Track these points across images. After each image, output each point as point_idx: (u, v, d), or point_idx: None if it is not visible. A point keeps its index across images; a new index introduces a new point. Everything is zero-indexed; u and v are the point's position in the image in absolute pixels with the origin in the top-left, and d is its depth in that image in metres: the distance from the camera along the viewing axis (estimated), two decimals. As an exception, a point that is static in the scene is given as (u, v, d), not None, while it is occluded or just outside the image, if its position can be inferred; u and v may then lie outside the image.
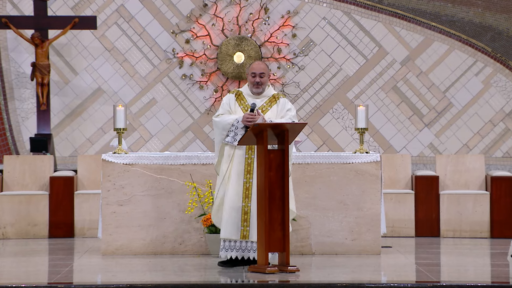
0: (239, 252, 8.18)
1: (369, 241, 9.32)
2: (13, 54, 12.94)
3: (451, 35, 13.02)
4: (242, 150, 8.20)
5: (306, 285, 7.37)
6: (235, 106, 8.28)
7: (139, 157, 9.38)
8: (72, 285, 7.34)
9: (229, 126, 8.17)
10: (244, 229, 8.16)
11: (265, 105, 8.28)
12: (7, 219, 11.15)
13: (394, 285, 7.30)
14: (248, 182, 8.16)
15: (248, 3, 13.00)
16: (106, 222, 9.31)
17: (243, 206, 8.16)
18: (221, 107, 8.32)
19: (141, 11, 13.04)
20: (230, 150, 8.22)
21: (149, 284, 7.32)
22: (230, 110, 8.27)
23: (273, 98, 8.31)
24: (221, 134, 8.21)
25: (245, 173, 8.16)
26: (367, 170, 9.36)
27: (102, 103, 12.98)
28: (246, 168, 8.17)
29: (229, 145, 8.21)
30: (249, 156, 8.17)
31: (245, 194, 8.17)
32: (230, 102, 8.31)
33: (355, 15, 13.07)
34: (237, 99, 8.31)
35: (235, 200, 8.18)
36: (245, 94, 8.33)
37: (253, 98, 8.28)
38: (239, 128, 8.14)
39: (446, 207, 11.23)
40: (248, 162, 8.17)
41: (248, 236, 8.15)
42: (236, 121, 8.15)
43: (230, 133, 8.18)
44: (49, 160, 11.63)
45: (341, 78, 13.05)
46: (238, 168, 8.19)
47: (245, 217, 8.17)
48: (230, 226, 8.17)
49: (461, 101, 13.01)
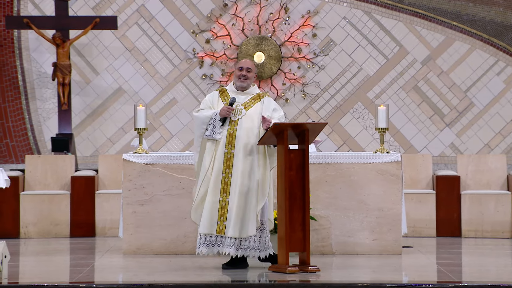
0: (215, 247, 8.15)
1: (390, 241, 9.30)
2: (34, 54, 13.01)
3: (473, 35, 12.97)
4: (222, 145, 8.21)
5: (326, 285, 7.36)
6: (218, 103, 8.34)
7: (160, 157, 9.40)
8: (93, 285, 7.37)
9: (208, 119, 8.22)
10: (221, 224, 8.17)
11: (248, 101, 8.32)
12: (29, 218, 11.21)
13: (415, 285, 7.28)
14: (226, 177, 8.17)
15: (268, 3, 13.00)
16: (127, 221, 9.33)
17: (221, 200, 8.17)
18: (203, 103, 8.40)
19: (161, 11, 13.07)
20: (212, 145, 8.25)
21: (170, 284, 7.33)
22: (212, 106, 8.34)
23: (257, 96, 8.35)
24: (201, 128, 8.25)
25: (224, 167, 8.18)
26: (388, 170, 9.34)
27: (123, 103, 13.02)
28: (225, 163, 8.18)
29: (211, 141, 8.23)
30: (228, 151, 8.20)
31: (223, 189, 8.18)
32: (214, 98, 8.38)
33: (376, 15, 13.04)
34: (221, 95, 8.38)
35: (214, 195, 8.18)
36: (229, 91, 8.38)
37: (237, 95, 8.31)
38: (217, 120, 8.19)
39: (468, 207, 11.18)
40: (227, 157, 8.19)
41: (224, 231, 8.15)
42: (214, 114, 8.21)
43: (209, 127, 8.22)
44: (70, 160, 11.68)
45: (361, 78, 13.03)
46: (218, 163, 8.20)
47: (222, 211, 8.17)
48: (209, 221, 8.16)
49: (482, 100, 12.95)
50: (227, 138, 8.19)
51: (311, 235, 8.79)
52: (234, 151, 8.18)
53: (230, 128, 8.21)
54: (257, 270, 8.16)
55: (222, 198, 8.17)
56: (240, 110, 8.26)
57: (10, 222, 11.16)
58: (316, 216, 9.25)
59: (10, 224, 11.17)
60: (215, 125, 8.22)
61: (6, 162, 12.90)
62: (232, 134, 8.19)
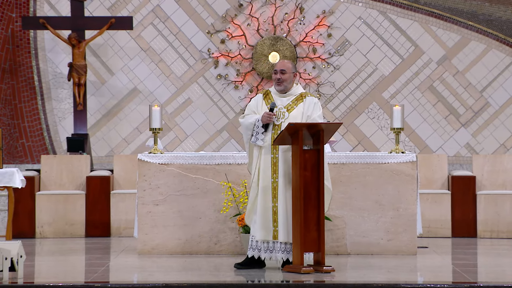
0: (267, 253, 8.16)
1: (405, 242, 9.28)
2: (50, 54, 13.05)
3: (488, 34, 12.92)
4: (268, 150, 8.17)
5: (341, 285, 7.35)
6: (262, 106, 8.25)
7: (175, 157, 9.41)
8: (108, 284, 7.38)
9: (252, 126, 8.16)
10: (275, 230, 8.15)
11: (291, 103, 8.21)
12: (44, 218, 11.25)
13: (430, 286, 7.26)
14: (275, 182, 8.14)
15: (283, 3, 13.00)
16: (142, 221, 9.35)
17: (272, 206, 8.15)
18: (247, 108, 8.33)
19: (176, 11, 13.08)
20: (257, 151, 8.22)
21: (185, 284, 7.34)
22: (256, 111, 8.24)
23: (300, 97, 8.23)
24: (247, 134, 8.21)
25: (272, 173, 8.14)
26: (403, 170, 9.31)
27: (138, 103, 13.05)
28: (272, 168, 8.15)
29: (256, 146, 8.20)
30: (274, 156, 8.16)
31: (273, 194, 8.16)
32: (258, 102, 8.27)
33: (391, 15, 13.01)
34: (265, 99, 8.28)
35: (266, 201, 8.17)
36: (273, 94, 8.28)
37: (280, 97, 8.23)
38: (259, 127, 8.12)
39: (483, 207, 11.14)
40: (273, 161, 8.16)
41: (277, 236, 8.14)
42: (257, 120, 8.15)
43: (253, 133, 8.17)
44: (85, 160, 11.71)
45: (376, 78, 13.00)
46: (264, 168, 8.16)
47: (274, 217, 8.16)
48: (266, 227, 8.15)
49: (498, 100, 12.90)
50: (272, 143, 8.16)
51: (326, 235, 8.78)
52: (279, 156, 8.14)
53: (274, 132, 8.16)
54: (271, 271, 8.16)
55: (273, 203, 8.15)
56: (283, 113, 8.17)
57: (25, 222, 11.21)
58: (331, 216, 9.24)
59: (26, 224, 11.21)
60: (257, 132, 8.14)
61: (22, 162, 12.95)
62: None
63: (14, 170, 9.86)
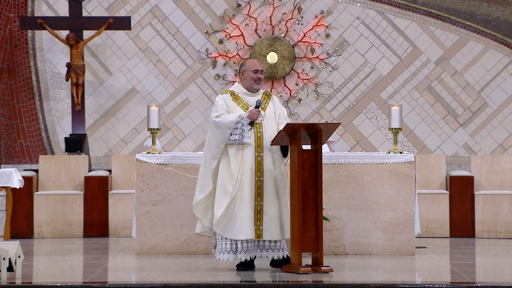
0: (253, 253, 8.13)
1: (403, 242, 9.28)
2: (48, 54, 13.05)
3: (486, 35, 12.92)
4: (251, 149, 8.15)
5: (339, 285, 7.35)
6: (232, 106, 8.22)
7: (173, 157, 9.41)
8: (106, 284, 7.38)
9: (233, 124, 8.09)
10: (258, 228, 8.14)
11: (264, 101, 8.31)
12: (42, 218, 11.24)
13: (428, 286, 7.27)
14: (259, 181, 8.14)
15: (281, 3, 13.00)
16: (140, 221, 9.35)
17: (256, 205, 8.13)
18: (220, 108, 8.16)
19: (174, 11, 13.09)
20: (237, 150, 8.14)
21: (183, 284, 7.34)
22: (229, 110, 8.20)
23: (266, 96, 8.32)
24: (224, 133, 8.08)
25: (256, 171, 8.13)
26: (401, 170, 9.32)
27: (136, 103, 13.05)
28: (256, 167, 8.13)
29: (235, 146, 8.15)
30: (258, 154, 8.15)
31: (257, 193, 8.15)
32: (227, 102, 8.20)
33: (389, 15, 13.01)
34: (234, 99, 8.25)
35: (249, 200, 8.13)
36: (240, 93, 8.26)
37: (249, 96, 8.24)
38: (245, 124, 8.09)
39: (481, 207, 11.14)
40: (257, 160, 8.15)
41: (261, 235, 8.13)
42: (241, 117, 8.10)
43: (235, 131, 8.11)
44: (83, 160, 11.71)
45: (374, 78, 13.01)
46: (249, 167, 8.13)
47: (258, 216, 8.14)
48: (249, 227, 8.11)
49: (496, 100, 12.91)
50: (256, 141, 8.14)
51: (324, 235, 8.78)
52: (263, 154, 8.14)
53: (256, 131, 8.17)
54: (269, 271, 8.16)
55: (257, 202, 8.14)
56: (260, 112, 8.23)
57: (23, 222, 11.21)
58: (329, 216, 9.25)
59: (24, 224, 11.21)
60: (243, 129, 8.11)
61: (20, 163, 12.95)
62: (260, 137, 8.14)
63: (12, 170, 9.86)
